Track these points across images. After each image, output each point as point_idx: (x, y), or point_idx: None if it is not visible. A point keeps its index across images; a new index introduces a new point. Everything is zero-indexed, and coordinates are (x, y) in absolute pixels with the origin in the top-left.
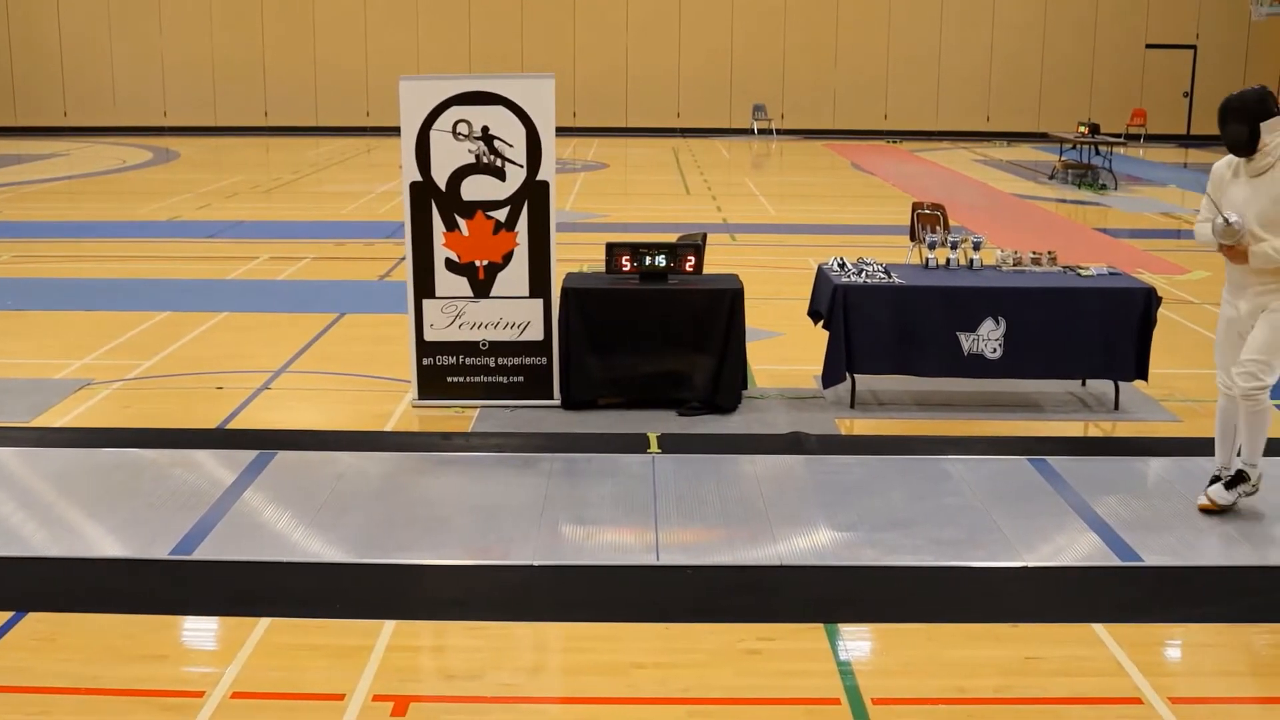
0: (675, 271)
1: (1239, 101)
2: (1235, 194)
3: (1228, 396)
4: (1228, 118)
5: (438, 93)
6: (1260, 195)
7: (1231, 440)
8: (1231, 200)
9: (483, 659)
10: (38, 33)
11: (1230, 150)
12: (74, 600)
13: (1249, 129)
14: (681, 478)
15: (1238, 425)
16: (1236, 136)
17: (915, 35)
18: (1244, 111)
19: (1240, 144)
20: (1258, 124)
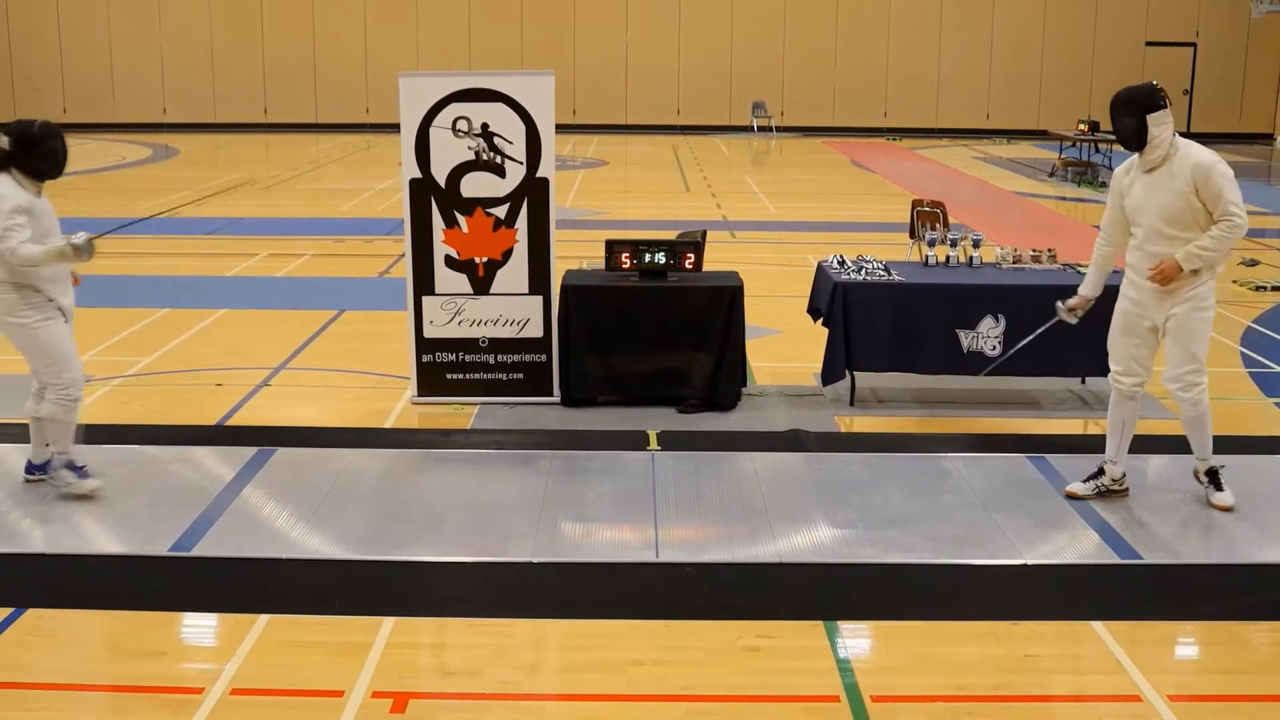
0: (675, 269)
1: (1127, 94)
2: (1137, 195)
3: (1119, 391)
4: (1117, 111)
5: (437, 90)
6: (1160, 191)
7: (1119, 434)
8: (1135, 202)
9: (482, 656)
10: (37, 29)
11: (1121, 144)
12: (73, 597)
13: (1136, 120)
14: (681, 475)
15: (1125, 420)
16: (1125, 129)
17: (915, 33)
18: (1131, 104)
19: (1129, 136)
20: (1145, 116)
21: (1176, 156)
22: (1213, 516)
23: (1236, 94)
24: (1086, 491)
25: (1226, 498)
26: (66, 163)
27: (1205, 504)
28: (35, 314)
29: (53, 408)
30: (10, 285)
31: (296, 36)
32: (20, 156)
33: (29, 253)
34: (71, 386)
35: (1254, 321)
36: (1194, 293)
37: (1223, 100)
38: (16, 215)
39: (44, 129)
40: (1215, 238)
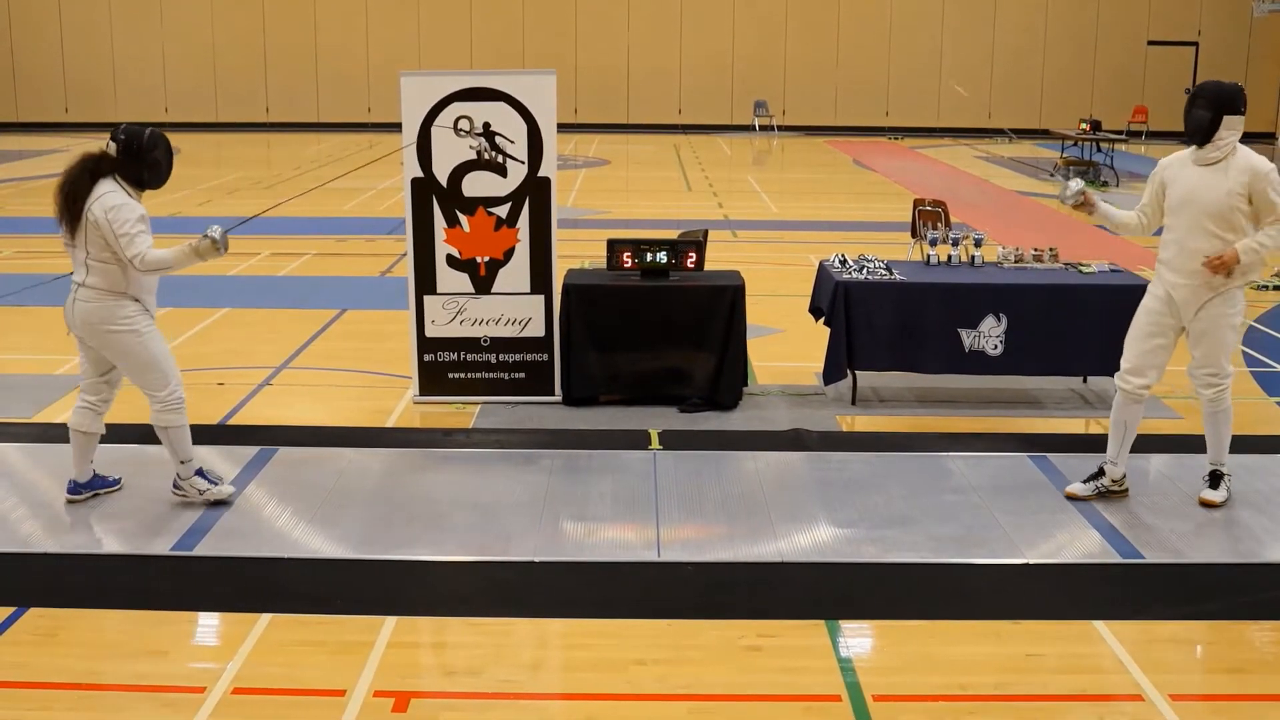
0: (676, 268)
1: (1214, 88)
2: (1185, 186)
3: (1124, 392)
4: (1196, 101)
5: (439, 89)
6: (1211, 189)
7: (1122, 435)
8: (1181, 193)
9: (483, 655)
10: (39, 28)
11: (1188, 133)
12: (75, 596)
13: (1213, 116)
14: (682, 474)
15: (1128, 422)
16: (1198, 120)
17: (917, 32)
18: (1214, 99)
19: (1198, 128)
20: (1222, 114)
21: (1235, 158)
22: (1214, 516)
23: None
24: (1086, 492)
25: (1216, 495)
26: (170, 174)
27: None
28: (137, 322)
29: (163, 415)
30: (109, 294)
31: (298, 35)
32: (126, 164)
33: (159, 256)
34: (175, 390)
35: (1256, 320)
36: (1224, 295)
37: None
38: (140, 223)
39: (152, 138)
40: (1272, 236)
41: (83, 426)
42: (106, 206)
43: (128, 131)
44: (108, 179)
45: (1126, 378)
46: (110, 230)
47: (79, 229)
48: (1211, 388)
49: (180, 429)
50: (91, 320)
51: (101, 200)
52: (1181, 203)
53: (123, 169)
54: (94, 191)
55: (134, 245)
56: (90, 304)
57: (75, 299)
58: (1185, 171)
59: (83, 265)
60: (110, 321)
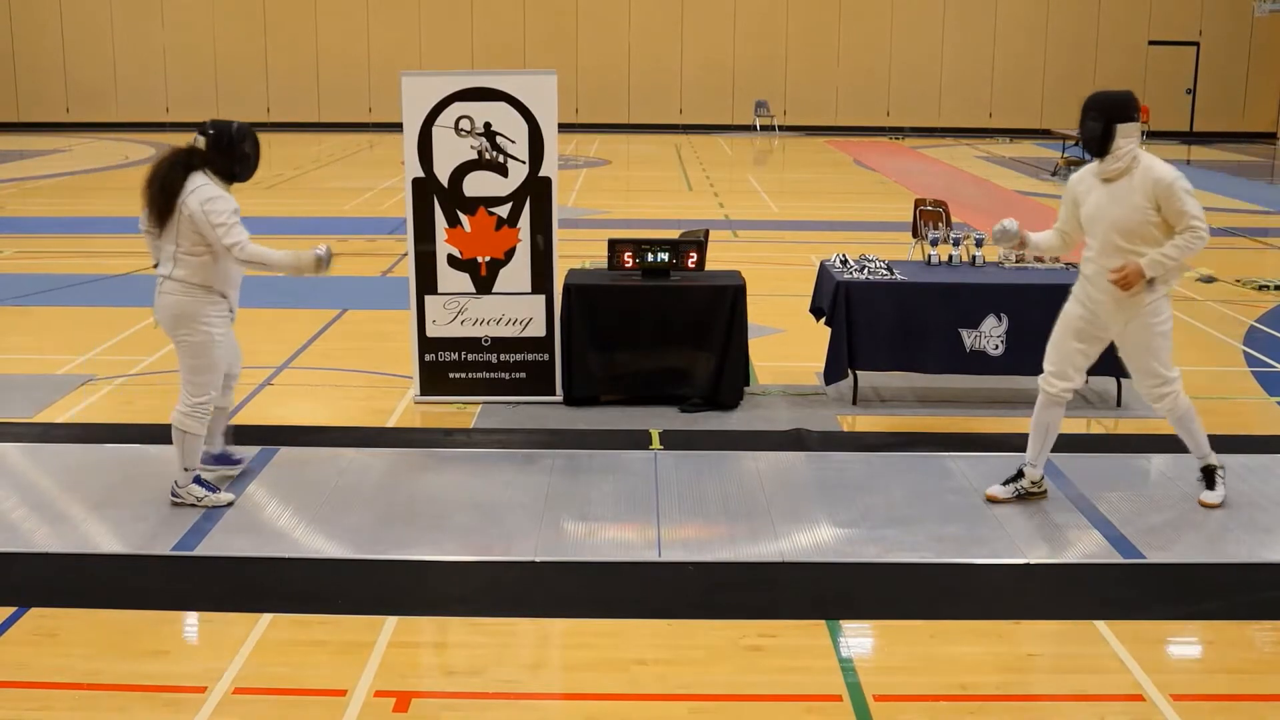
0: (677, 268)
1: (1102, 98)
2: (1093, 204)
3: (1047, 395)
4: (1087, 113)
5: (440, 89)
6: (1118, 204)
7: (1043, 437)
8: (1091, 211)
9: (484, 655)
10: (40, 29)
11: (1084, 146)
12: (75, 596)
13: (1104, 127)
14: (683, 474)
15: (1049, 424)
16: (1091, 133)
17: (918, 31)
18: (1103, 109)
19: (1093, 140)
20: (1114, 124)
21: (1137, 169)
22: (1215, 516)
23: (1239, 93)
24: (1006, 495)
25: (1214, 496)
26: (258, 166)
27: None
28: (215, 326)
29: (186, 419)
30: (198, 288)
31: (299, 36)
32: (216, 157)
33: (259, 251)
34: (208, 402)
35: (1257, 321)
36: (1149, 307)
37: (1225, 99)
38: (235, 214)
39: (240, 130)
40: (1179, 246)
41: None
42: (202, 199)
43: (216, 126)
44: (199, 173)
45: (1050, 380)
46: (206, 221)
47: (170, 222)
48: (1162, 397)
49: (196, 438)
50: (176, 312)
51: (197, 193)
52: (1091, 220)
53: (213, 163)
54: (187, 185)
55: (231, 234)
56: (176, 296)
57: (161, 291)
58: (1093, 188)
59: (171, 259)
60: (193, 316)
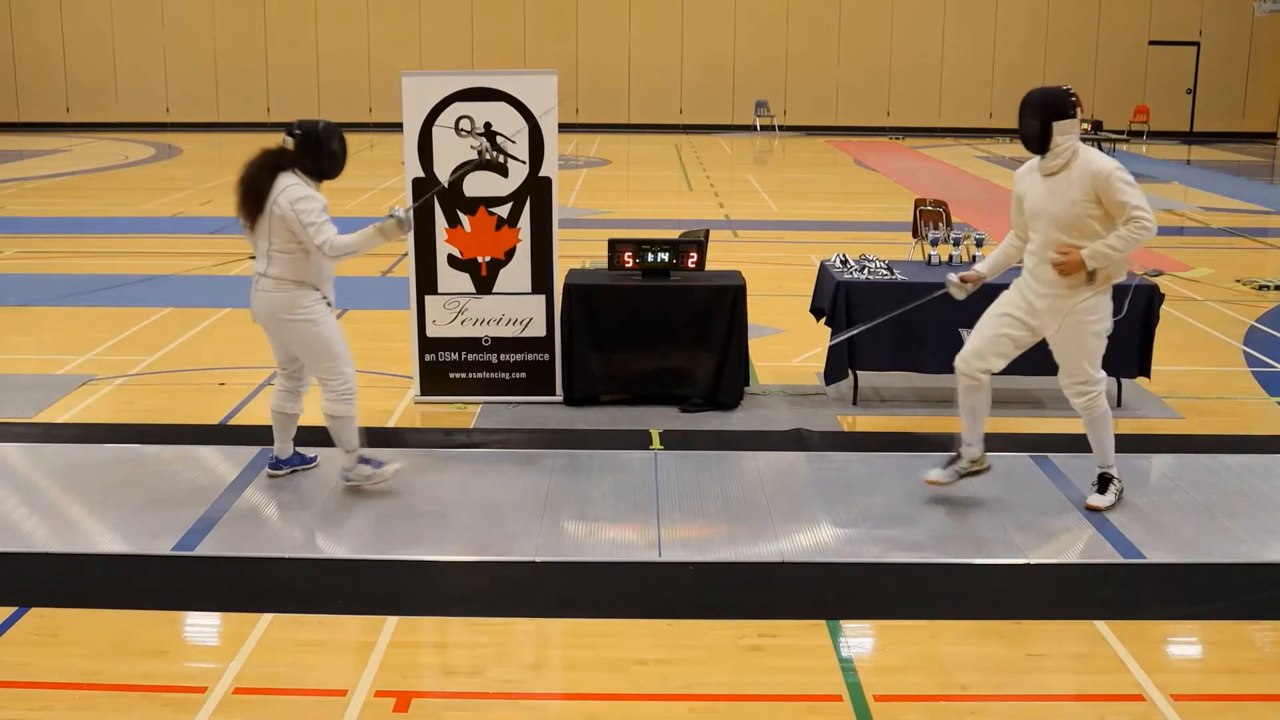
0: (678, 268)
1: (1038, 96)
2: (1035, 199)
3: (964, 375)
4: (1024, 111)
5: (440, 89)
6: (1058, 198)
7: (973, 418)
8: (1032, 206)
9: (484, 655)
10: (40, 29)
11: (1023, 144)
12: (76, 596)
13: (1042, 124)
14: (683, 474)
15: (976, 407)
16: (1029, 130)
17: (918, 31)
18: (1039, 107)
19: (1031, 138)
20: (1051, 122)
21: (1076, 164)
22: (1216, 516)
23: (1239, 93)
24: (947, 478)
25: (1102, 500)
26: (345, 164)
27: (1207, 504)
28: (316, 311)
29: (335, 405)
30: (292, 283)
31: (299, 36)
32: (304, 156)
33: (345, 241)
34: (350, 380)
35: (1257, 321)
36: (1086, 304)
37: (1226, 99)
38: (324, 212)
39: (327, 130)
40: (1123, 237)
41: (280, 408)
42: (292, 198)
43: (304, 126)
44: (288, 172)
45: (968, 359)
46: (297, 220)
47: (261, 220)
48: (1082, 396)
49: (349, 419)
50: (273, 308)
51: (286, 192)
52: (1034, 215)
53: (301, 162)
54: (276, 184)
55: (321, 233)
56: (272, 293)
57: (257, 288)
58: (1035, 183)
59: (265, 256)
60: (289, 310)
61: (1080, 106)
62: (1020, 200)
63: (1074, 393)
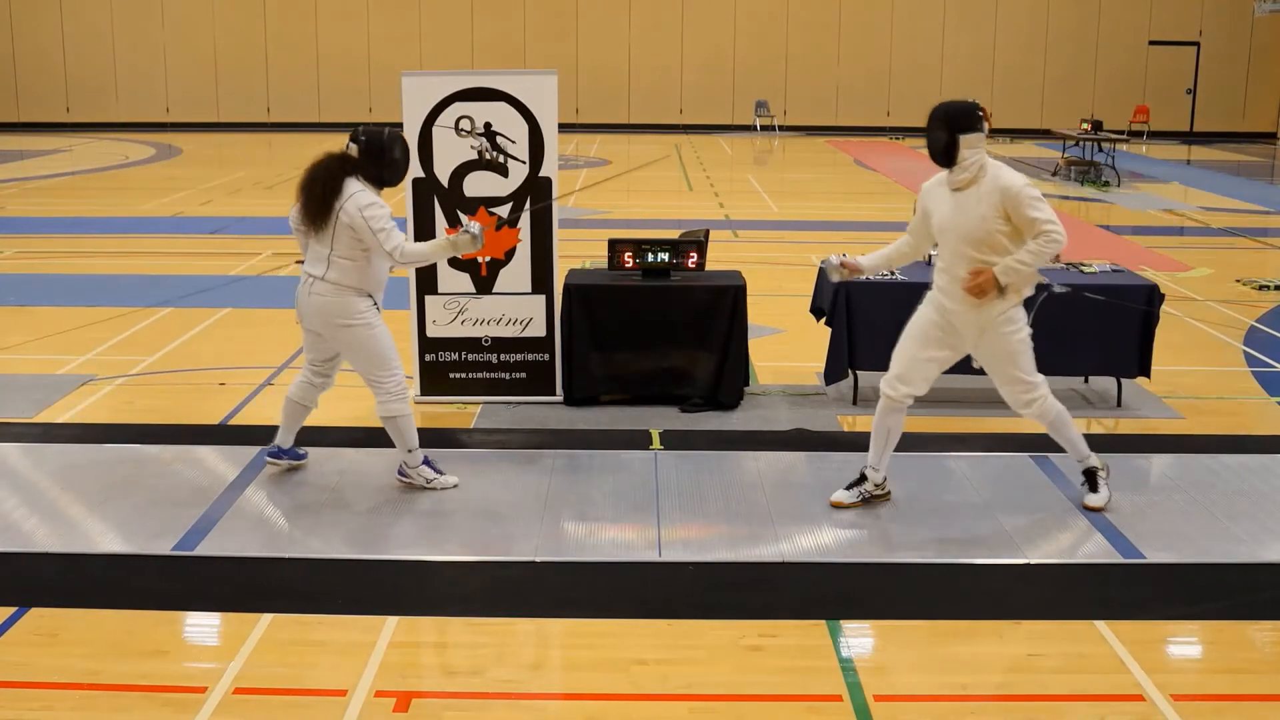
0: (678, 268)
1: (944, 109)
2: (943, 214)
3: (889, 399)
4: (931, 124)
5: (440, 89)
6: (966, 214)
7: (884, 441)
8: (940, 221)
9: (484, 655)
10: (40, 29)
11: (930, 156)
12: (76, 596)
13: (948, 138)
14: (683, 474)
15: (891, 429)
16: (936, 144)
17: (918, 31)
18: (945, 120)
19: (938, 151)
20: (957, 135)
21: (985, 179)
22: (1216, 516)
23: (1239, 93)
24: (851, 499)
25: (1097, 499)
26: (407, 171)
27: (1207, 504)
28: (371, 316)
29: (391, 405)
30: (350, 290)
31: (299, 35)
32: (367, 164)
33: (417, 249)
34: (402, 381)
35: (1257, 321)
36: (1002, 316)
37: (1226, 100)
38: (391, 220)
39: (390, 138)
40: (1033, 252)
41: (298, 397)
42: (360, 205)
43: (368, 133)
44: (352, 179)
45: (894, 384)
46: (366, 227)
47: (325, 226)
48: (1029, 405)
49: (406, 418)
50: (326, 313)
51: (354, 199)
52: (941, 230)
53: (364, 169)
54: (343, 191)
55: (391, 239)
56: (326, 298)
57: (311, 291)
58: (942, 197)
59: (324, 260)
60: (345, 316)
61: (988, 120)
62: (927, 214)
63: (1020, 403)
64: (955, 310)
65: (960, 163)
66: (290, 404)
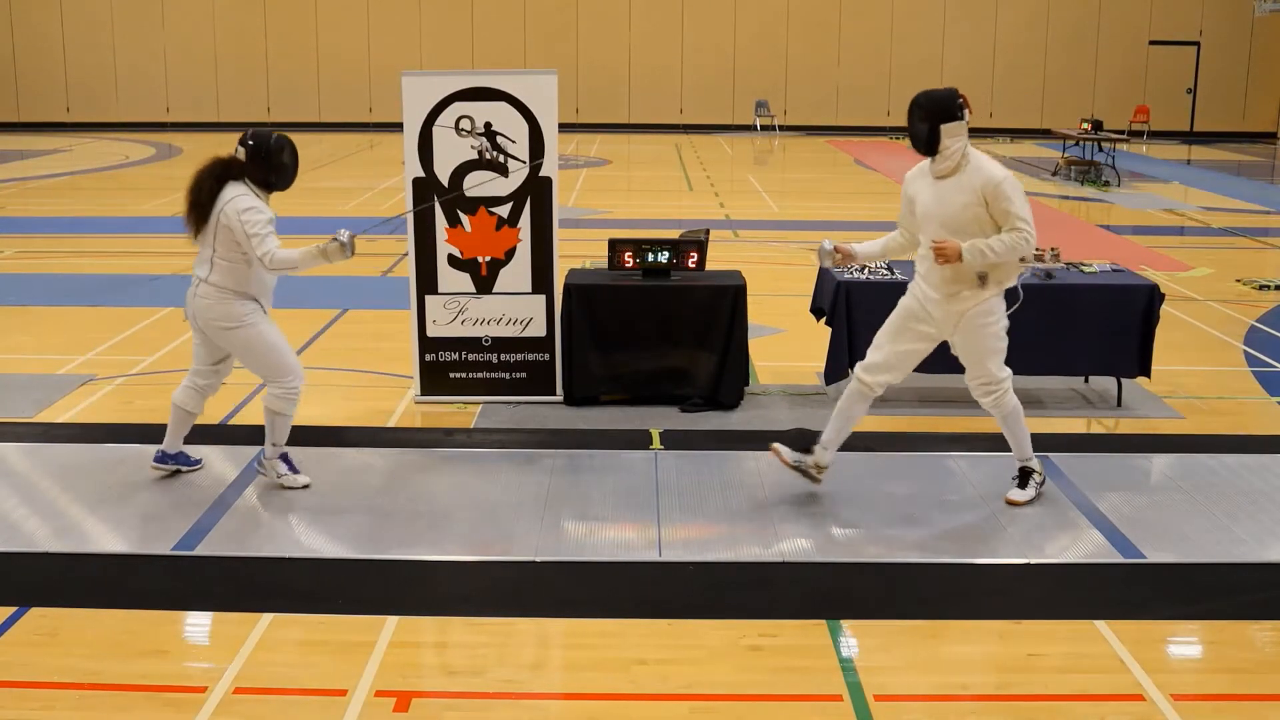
0: (678, 268)
1: (926, 98)
2: (925, 202)
3: (861, 383)
4: (913, 113)
5: (440, 89)
6: (947, 202)
7: (843, 425)
8: (923, 209)
9: (485, 655)
10: (40, 29)
11: (912, 145)
12: (76, 596)
13: (930, 127)
14: (684, 474)
15: (852, 417)
16: (918, 133)
17: (918, 31)
18: (927, 109)
19: (920, 141)
20: (939, 124)
21: (967, 168)
22: (1216, 516)
23: (1240, 93)
24: (792, 460)
25: (1022, 494)
26: (296, 176)
27: (1207, 504)
28: (252, 318)
29: (279, 402)
30: (232, 293)
31: (299, 35)
32: (254, 168)
33: (286, 256)
34: (297, 381)
35: (1258, 320)
36: (980, 307)
37: (1226, 99)
38: (270, 225)
39: (278, 142)
40: (1004, 242)
41: (184, 404)
42: (239, 209)
43: (255, 136)
44: (237, 182)
45: (872, 370)
46: (242, 230)
47: (206, 228)
48: (989, 395)
49: (286, 419)
50: (210, 316)
51: (234, 202)
52: (924, 218)
53: (251, 173)
54: (225, 194)
55: (263, 244)
56: (209, 300)
57: (196, 293)
58: (925, 186)
59: (208, 262)
60: (227, 319)
61: (968, 109)
62: (911, 202)
63: (981, 393)
64: (935, 299)
65: (942, 151)
66: (175, 410)
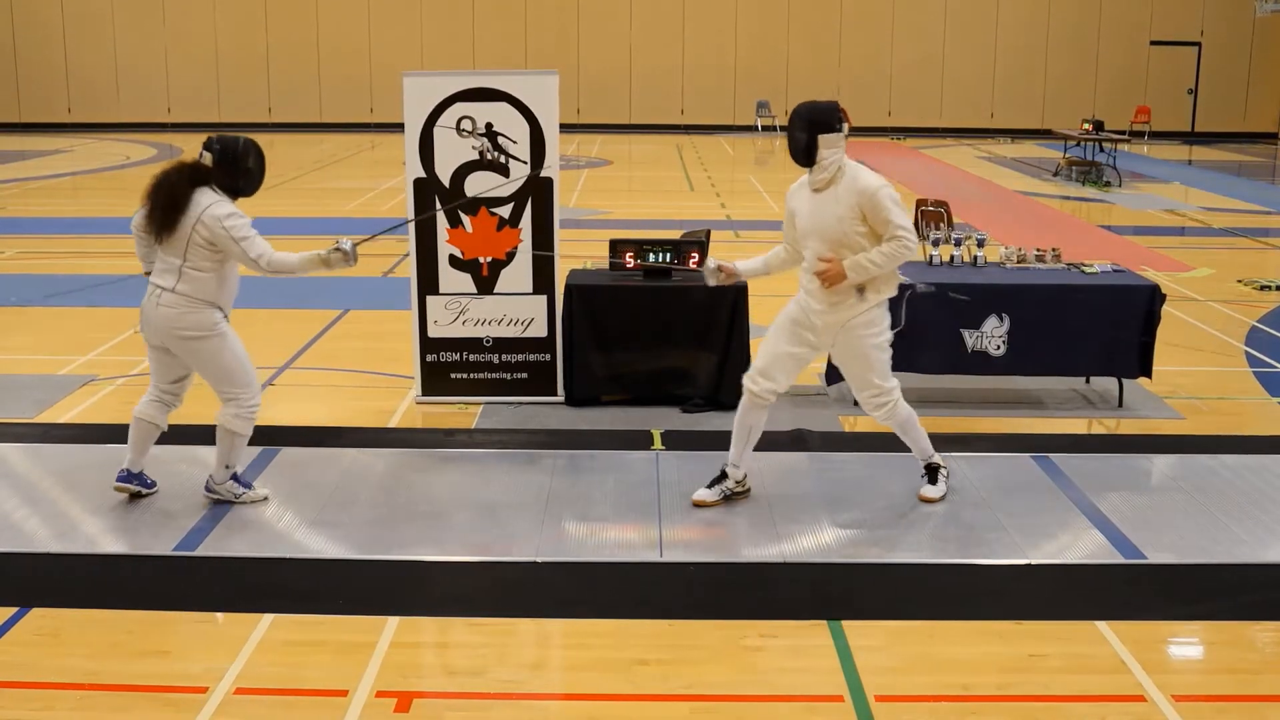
0: (679, 268)
1: (806, 109)
2: (801, 207)
3: (752, 394)
4: (792, 123)
5: (441, 89)
6: (824, 215)
7: (746, 438)
8: (803, 224)
9: (485, 655)
10: (42, 29)
11: (791, 156)
12: (77, 596)
13: (808, 137)
14: (685, 474)
15: (753, 427)
16: (796, 144)
17: (919, 32)
18: (806, 120)
19: (798, 151)
20: (817, 134)
21: (843, 180)
22: (1216, 516)
23: (1241, 93)
24: (713, 497)
25: (933, 491)
26: (262, 181)
27: (1207, 504)
28: (221, 327)
29: (235, 421)
30: (201, 302)
31: (300, 36)
32: (221, 174)
33: (285, 259)
34: (254, 399)
35: (1259, 321)
36: (862, 319)
37: (1227, 100)
38: (251, 228)
39: (246, 146)
40: (884, 254)
41: (148, 416)
42: (219, 216)
43: (222, 141)
44: (205, 188)
45: (756, 378)
46: (228, 237)
47: (173, 236)
48: (881, 407)
49: (242, 439)
50: (174, 326)
51: (211, 210)
52: (804, 232)
53: (218, 179)
54: (197, 201)
55: (256, 247)
56: (174, 310)
57: (159, 304)
58: (805, 199)
59: (174, 272)
60: (195, 329)
61: (847, 122)
62: (793, 216)
63: (872, 406)
64: (818, 310)
65: (820, 162)
66: (139, 423)
